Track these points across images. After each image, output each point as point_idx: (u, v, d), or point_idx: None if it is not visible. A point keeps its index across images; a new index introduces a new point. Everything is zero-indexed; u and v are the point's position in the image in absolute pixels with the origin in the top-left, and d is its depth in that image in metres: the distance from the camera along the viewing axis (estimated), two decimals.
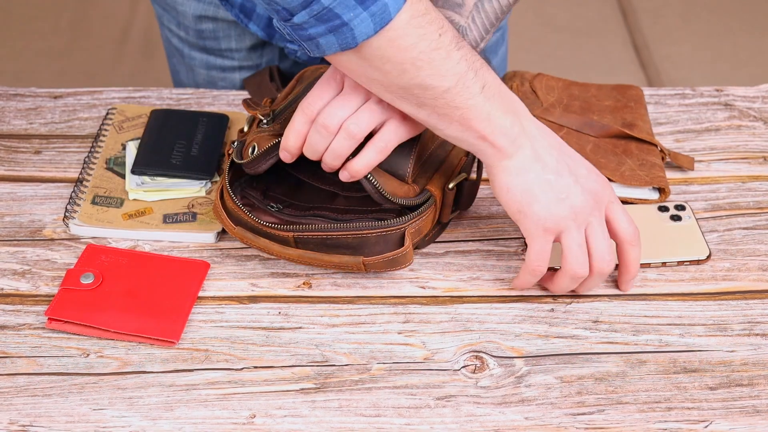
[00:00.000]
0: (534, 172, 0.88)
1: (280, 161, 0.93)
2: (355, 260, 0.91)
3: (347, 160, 0.89)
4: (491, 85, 0.86)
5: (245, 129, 0.97)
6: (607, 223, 0.91)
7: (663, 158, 1.06)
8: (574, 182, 0.89)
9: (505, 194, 0.89)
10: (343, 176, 0.90)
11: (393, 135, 0.89)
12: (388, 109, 0.89)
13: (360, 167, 0.89)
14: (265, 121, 0.95)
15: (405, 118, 0.89)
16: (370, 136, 0.90)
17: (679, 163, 1.06)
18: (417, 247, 0.96)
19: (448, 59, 0.84)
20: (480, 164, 1.00)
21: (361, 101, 0.89)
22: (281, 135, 0.92)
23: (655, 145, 1.06)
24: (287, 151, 0.91)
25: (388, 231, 0.91)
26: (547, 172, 0.88)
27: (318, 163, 0.91)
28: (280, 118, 0.94)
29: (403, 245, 0.91)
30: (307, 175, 0.98)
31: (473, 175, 1.01)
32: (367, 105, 0.88)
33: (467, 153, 0.99)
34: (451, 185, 0.95)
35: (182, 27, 1.22)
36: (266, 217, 0.97)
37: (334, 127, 0.88)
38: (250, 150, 0.93)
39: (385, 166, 0.92)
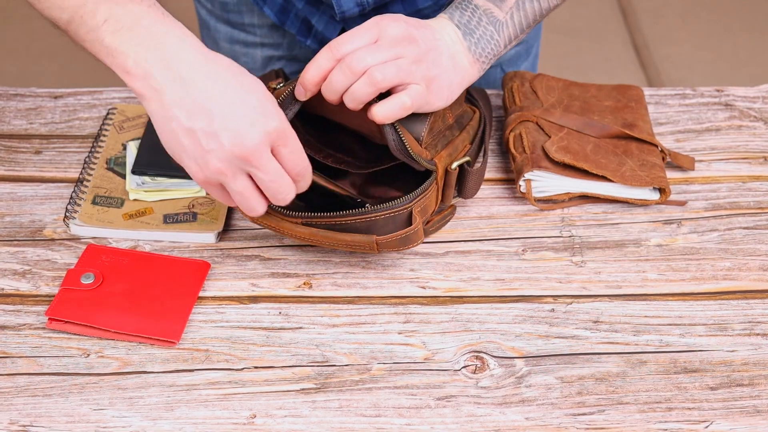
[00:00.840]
0: (174, 120, 0.82)
1: (296, 117, 0.94)
2: (368, 239, 0.90)
3: (366, 107, 0.90)
4: (120, 19, 0.81)
5: None
6: (280, 161, 0.85)
7: (663, 158, 1.06)
8: (223, 129, 0.82)
9: (161, 137, 0.85)
10: (369, 114, 0.90)
11: (415, 96, 0.89)
12: (416, 73, 0.89)
13: (381, 114, 0.89)
14: (278, 86, 0.95)
15: (429, 88, 0.90)
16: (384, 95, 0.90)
17: (680, 163, 1.06)
18: (426, 231, 0.97)
19: None
20: (486, 154, 1.01)
21: (393, 56, 0.89)
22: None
23: (656, 146, 1.06)
24: (304, 86, 0.90)
25: (396, 212, 0.91)
26: (186, 121, 0.82)
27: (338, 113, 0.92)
28: (293, 81, 0.94)
29: (411, 224, 0.92)
30: (327, 119, 0.99)
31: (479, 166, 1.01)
32: (397, 61, 0.89)
33: (472, 140, 1.00)
34: (453, 165, 0.96)
35: None
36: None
37: (359, 69, 0.88)
38: None
39: (403, 123, 0.93)
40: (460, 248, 0.99)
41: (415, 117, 0.93)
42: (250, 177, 0.85)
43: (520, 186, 1.02)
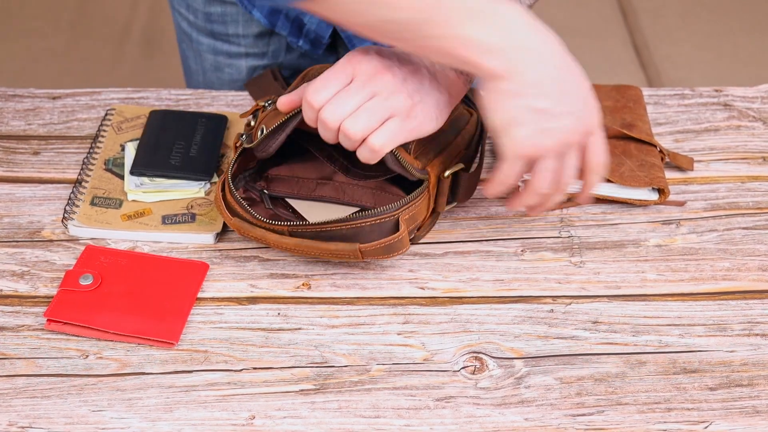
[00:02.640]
0: (526, 98, 0.84)
1: (286, 143, 0.95)
2: (352, 248, 0.90)
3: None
4: (477, 7, 0.82)
5: (252, 123, 0.98)
6: (584, 149, 0.90)
7: (662, 159, 1.06)
8: (566, 113, 0.86)
9: (491, 113, 0.86)
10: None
11: (389, 135, 0.88)
12: (395, 105, 0.88)
13: (364, 158, 0.89)
14: (267, 104, 0.96)
15: (408, 116, 0.88)
16: None
17: (678, 163, 1.06)
18: (413, 239, 0.96)
19: None
20: (482, 157, 1.00)
21: (364, 98, 0.87)
22: (287, 114, 0.92)
23: (655, 146, 1.06)
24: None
25: (382, 219, 0.91)
26: (540, 98, 0.85)
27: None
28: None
29: (398, 231, 0.91)
30: (315, 148, 1.00)
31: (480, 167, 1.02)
32: (369, 105, 0.87)
33: (467, 145, 0.99)
34: (447, 173, 0.95)
35: (191, 10, 1.22)
36: (263, 212, 0.98)
37: (334, 126, 0.88)
38: (259, 132, 0.94)
39: None
40: (459, 249, 0.99)
41: None
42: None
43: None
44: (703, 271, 0.97)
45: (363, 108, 0.88)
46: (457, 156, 0.98)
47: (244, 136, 0.97)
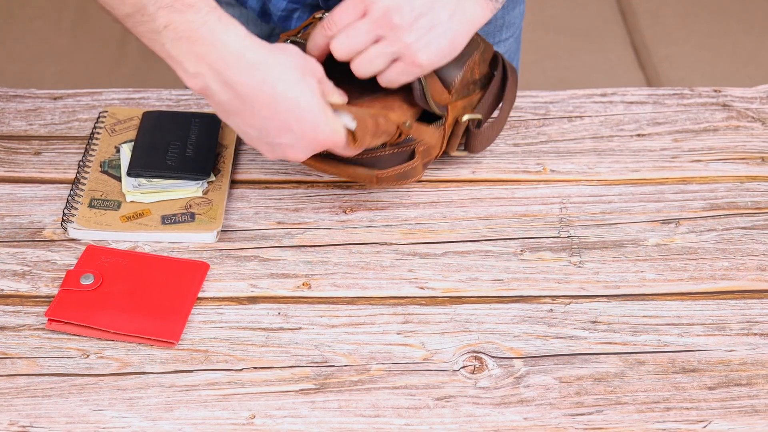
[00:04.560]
0: (230, 121, 0.90)
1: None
2: (369, 173, 0.96)
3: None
4: (180, 28, 0.85)
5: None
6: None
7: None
8: (275, 146, 0.90)
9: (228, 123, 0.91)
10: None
11: (393, 77, 0.94)
12: (408, 42, 0.91)
13: (383, 82, 0.94)
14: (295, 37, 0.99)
15: (413, 61, 0.92)
16: None
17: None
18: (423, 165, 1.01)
19: None
20: (502, 112, 1.05)
21: (370, 40, 0.92)
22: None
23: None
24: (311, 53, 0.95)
25: (401, 149, 0.96)
26: (248, 125, 0.89)
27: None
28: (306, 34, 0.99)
29: (413, 159, 0.97)
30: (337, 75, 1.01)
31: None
32: (372, 49, 0.92)
33: (491, 102, 1.04)
34: (464, 118, 1.00)
35: None
36: None
37: (345, 57, 0.93)
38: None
39: (438, 72, 0.97)
40: (458, 249, 0.99)
41: (453, 63, 0.97)
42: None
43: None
44: (702, 270, 0.97)
45: (367, 52, 0.92)
46: (478, 104, 1.02)
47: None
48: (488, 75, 1.04)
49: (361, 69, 0.93)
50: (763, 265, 0.98)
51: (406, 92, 0.97)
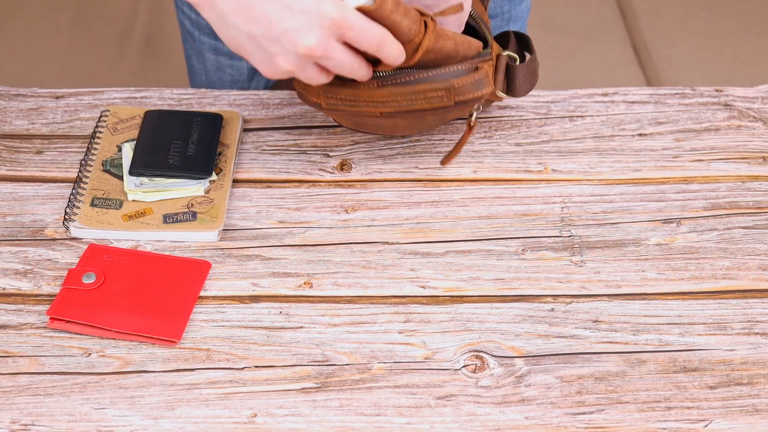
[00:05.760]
0: (233, 28, 0.85)
1: None
2: (445, 84, 0.94)
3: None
4: None
5: None
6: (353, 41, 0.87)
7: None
8: (278, 37, 0.84)
9: (224, 41, 0.87)
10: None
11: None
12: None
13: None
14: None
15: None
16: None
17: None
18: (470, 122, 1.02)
19: None
20: (533, 55, 1.05)
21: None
22: None
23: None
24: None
25: (470, 65, 0.97)
26: (248, 25, 0.85)
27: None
28: None
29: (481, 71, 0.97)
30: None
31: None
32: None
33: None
34: (505, 53, 1.01)
35: (194, 9, 1.21)
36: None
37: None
38: None
39: None
40: (460, 248, 0.99)
41: None
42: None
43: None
44: (704, 270, 0.97)
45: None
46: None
47: None
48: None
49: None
50: (765, 264, 0.98)
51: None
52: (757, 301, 0.94)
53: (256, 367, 0.88)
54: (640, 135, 1.12)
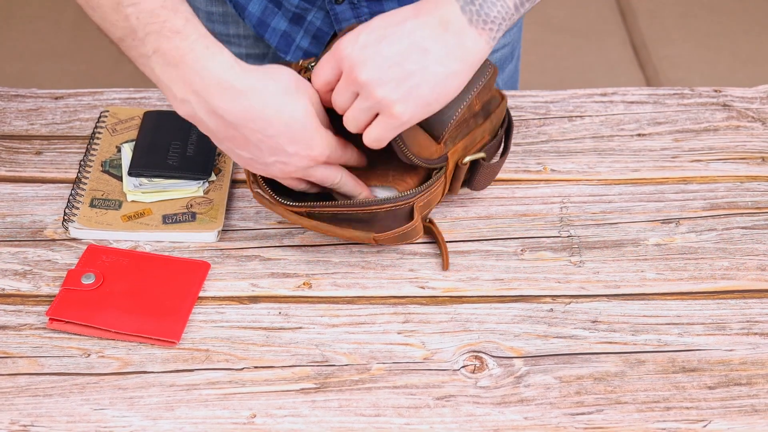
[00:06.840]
0: (223, 145, 0.90)
1: None
2: (367, 235, 0.93)
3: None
4: (168, 54, 0.86)
5: None
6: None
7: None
8: (268, 165, 0.90)
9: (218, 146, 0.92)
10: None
11: (378, 133, 0.89)
12: (372, 109, 0.88)
13: (368, 141, 0.90)
14: (308, 65, 0.95)
15: (391, 114, 0.87)
16: None
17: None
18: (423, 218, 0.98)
19: (116, 11, 0.86)
20: (505, 149, 1.02)
21: (350, 98, 0.89)
22: None
23: None
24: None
25: (397, 206, 0.92)
26: (236, 149, 0.90)
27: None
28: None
29: (412, 219, 0.93)
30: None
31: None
32: (353, 108, 0.88)
33: (494, 132, 1.01)
34: (466, 160, 0.97)
35: (193, 8, 1.22)
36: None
37: (340, 113, 0.90)
38: None
39: (423, 124, 0.93)
40: (459, 248, 0.99)
41: (442, 112, 0.91)
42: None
43: None
44: (702, 270, 0.97)
45: (351, 108, 0.89)
46: (481, 142, 0.99)
47: None
48: (493, 98, 1.00)
49: (348, 126, 0.90)
50: (763, 264, 0.98)
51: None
52: (755, 301, 0.94)
53: (256, 367, 0.88)
54: (639, 135, 1.12)
